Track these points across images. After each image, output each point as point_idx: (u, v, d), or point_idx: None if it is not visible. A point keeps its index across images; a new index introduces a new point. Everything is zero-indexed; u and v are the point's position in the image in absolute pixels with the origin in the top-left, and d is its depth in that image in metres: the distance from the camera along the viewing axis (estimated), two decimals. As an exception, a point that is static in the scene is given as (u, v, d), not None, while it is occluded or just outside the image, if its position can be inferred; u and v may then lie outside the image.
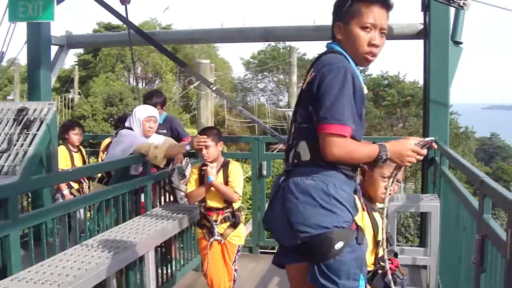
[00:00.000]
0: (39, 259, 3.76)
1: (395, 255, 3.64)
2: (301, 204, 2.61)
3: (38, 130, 3.72)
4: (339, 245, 2.56)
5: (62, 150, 6.76)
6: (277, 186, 2.81)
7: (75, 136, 6.91)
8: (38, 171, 4.15)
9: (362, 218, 3.18)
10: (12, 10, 5.62)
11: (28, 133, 3.73)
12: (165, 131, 6.32)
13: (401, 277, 3.80)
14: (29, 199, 7.35)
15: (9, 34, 6.00)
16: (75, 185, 6.67)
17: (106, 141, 7.16)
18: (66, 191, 6.53)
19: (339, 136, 2.49)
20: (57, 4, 5.82)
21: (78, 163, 6.87)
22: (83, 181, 6.71)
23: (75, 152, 6.91)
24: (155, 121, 5.57)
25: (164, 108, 6.51)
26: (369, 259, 3.27)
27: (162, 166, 5.47)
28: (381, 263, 3.28)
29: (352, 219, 2.67)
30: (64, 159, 6.68)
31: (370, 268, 3.28)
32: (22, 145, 3.68)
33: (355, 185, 2.82)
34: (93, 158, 7.99)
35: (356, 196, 2.86)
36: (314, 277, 2.64)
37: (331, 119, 2.48)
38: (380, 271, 3.32)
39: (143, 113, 5.50)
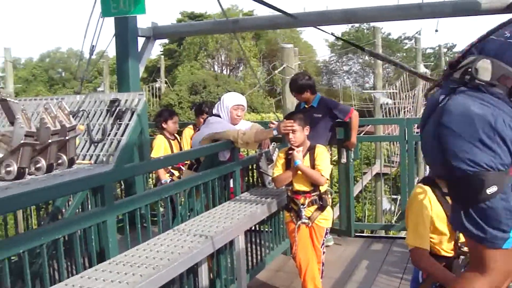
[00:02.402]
0: (134, 243, 3.92)
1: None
2: (458, 133, 2.25)
3: (130, 120, 3.86)
4: (491, 189, 2.20)
5: (161, 139, 6.94)
6: (434, 105, 2.40)
7: (173, 125, 7.09)
8: (131, 160, 4.30)
9: None
10: (104, 6, 5.82)
11: (121, 123, 3.88)
12: (320, 115, 6.32)
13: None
14: (122, 187, 7.63)
15: (98, 28, 6.22)
16: (176, 173, 6.85)
17: (188, 129, 7.35)
18: (166, 180, 6.65)
19: None
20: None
21: (177, 150, 7.03)
22: (183, 168, 6.86)
23: (173, 140, 7.09)
24: (243, 109, 5.63)
25: (315, 92, 6.49)
26: (448, 245, 3.20)
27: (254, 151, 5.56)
28: (462, 249, 3.18)
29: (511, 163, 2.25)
30: (164, 148, 6.85)
31: (450, 254, 3.20)
32: (115, 135, 3.83)
33: None
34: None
35: None
36: (458, 221, 2.34)
37: None
38: (462, 257, 3.21)
39: (231, 101, 5.57)
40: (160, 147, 6.80)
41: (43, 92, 44.54)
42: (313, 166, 4.73)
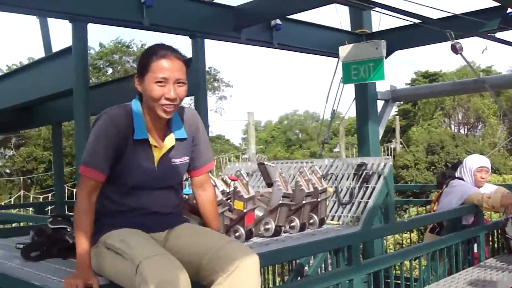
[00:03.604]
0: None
1: None
2: None
3: (376, 183, 4.05)
4: None
5: None
6: None
7: None
8: (376, 222, 4.46)
9: None
10: (345, 74, 6.19)
11: (368, 186, 4.08)
12: None
13: None
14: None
15: (339, 93, 6.60)
16: None
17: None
18: None
19: None
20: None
21: None
22: None
23: None
24: (487, 171, 5.54)
25: None
26: None
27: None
28: None
29: None
30: None
31: None
32: (362, 197, 4.04)
33: None
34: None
35: None
36: None
37: None
38: None
39: (475, 163, 5.51)
40: None
41: (280, 152, 46.90)
42: None
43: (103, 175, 2.64)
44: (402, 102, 43.35)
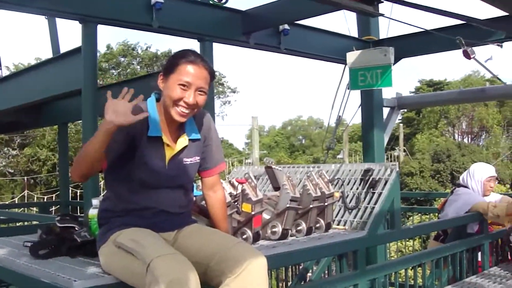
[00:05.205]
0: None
1: None
2: None
3: (383, 189, 4.05)
4: None
5: None
6: None
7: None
8: (381, 228, 4.47)
9: None
10: (353, 80, 6.21)
11: (374, 192, 4.08)
12: None
13: None
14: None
15: (345, 99, 6.62)
16: None
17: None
18: None
19: None
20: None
21: None
22: None
23: None
24: (495, 180, 5.55)
25: None
26: None
27: (507, 225, 5.38)
28: None
29: None
30: None
31: None
32: (368, 202, 4.04)
33: None
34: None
35: None
36: None
37: None
38: None
39: (485, 173, 5.53)
40: None
41: (284, 158, 46.90)
42: None
43: (105, 162, 2.64)
44: (406, 110, 43.42)
